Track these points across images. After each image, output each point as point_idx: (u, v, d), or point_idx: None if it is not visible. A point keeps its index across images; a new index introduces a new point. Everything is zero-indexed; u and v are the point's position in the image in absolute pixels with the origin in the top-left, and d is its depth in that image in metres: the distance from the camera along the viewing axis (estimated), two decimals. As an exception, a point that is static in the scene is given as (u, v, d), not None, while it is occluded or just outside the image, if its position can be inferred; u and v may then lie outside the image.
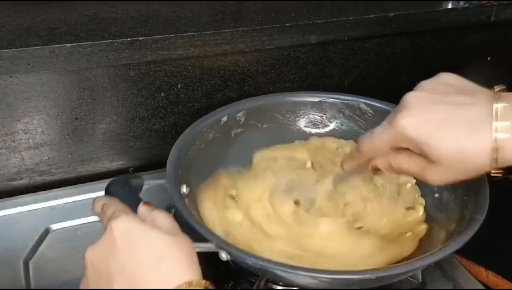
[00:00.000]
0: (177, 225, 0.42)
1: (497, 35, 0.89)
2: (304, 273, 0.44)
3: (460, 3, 0.81)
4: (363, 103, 0.69)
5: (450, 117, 0.42)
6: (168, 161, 0.56)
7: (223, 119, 0.66)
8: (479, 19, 0.83)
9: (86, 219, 0.66)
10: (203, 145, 0.63)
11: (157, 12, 0.74)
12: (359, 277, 0.44)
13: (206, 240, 0.46)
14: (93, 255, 0.39)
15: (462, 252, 0.47)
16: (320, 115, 0.72)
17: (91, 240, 0.40)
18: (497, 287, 0.63)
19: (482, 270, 0.64)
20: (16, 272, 0.59)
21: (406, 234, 0.57)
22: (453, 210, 0.56)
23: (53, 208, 0.68)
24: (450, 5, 0.82)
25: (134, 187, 0.53)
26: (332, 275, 0.45)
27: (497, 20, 0.83)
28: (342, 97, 0.71)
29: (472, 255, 0.63)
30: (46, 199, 0.69)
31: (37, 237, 0.64)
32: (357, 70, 0.84)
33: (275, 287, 0.52)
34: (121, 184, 0.52)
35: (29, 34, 0.64)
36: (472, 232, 0.47)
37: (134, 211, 0.44)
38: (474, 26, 0.84)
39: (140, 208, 0.44)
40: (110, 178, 0.54)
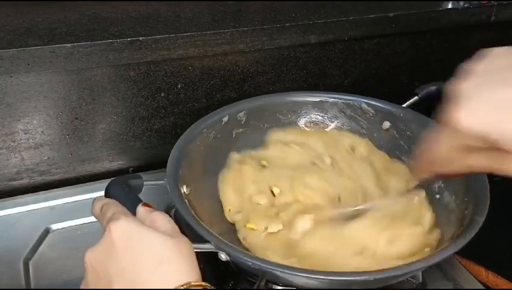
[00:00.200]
0: (176, 227, 0.42)
1: (497, 35, 0.89)
2: (303, 274, 0.44)
3: (460, 3, 0.81)
4: (365, 103, 0.69)
5: (500, 101, 0.37)
6: (168, 161, 0.56)
7: (224, 119, 0.66)
8: (479, 19, 0.83)
9: (86, 219, 0.66)
10: (204, 145, 0.63)
11: (157, 12, 0.74)
12: (359, 278, 0.44)
13: (205, 241, 0.46)
14: (93, 258, 0.39)
15: (462, 252, 0.47)
16: (321, 114, 0.72)
17: (91, 240, 0.40)
18: (497, 287, 0.63)
19: (482, 271, 0.64)
20: (16, 272, 0.59)
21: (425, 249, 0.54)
22: (453, 211, 0.56)
23: (53, 208, 0.68)
24: (450, 5, 0.82)
25: (134, 188, 0.53)
26: (331, 276, 0.45)
27: (497, 20, 0.83)
28: (343, 97, 0.71)
29: (472, 255, 0.63)
30: (46, 199, 0.69)
31: (37, 237, 0.64)
32: (357, 70, 0.84)
33: (274, 287, 0.52)
34: (120, 185, 0.52)
35: (29, 34, 0.64)
36: (472, 234, 0.48)
37: (134, 212, 0.44)
38: (474, 26, 0.84)
39: (140, 210, 0.44)
40: (110, 178, 0.54)
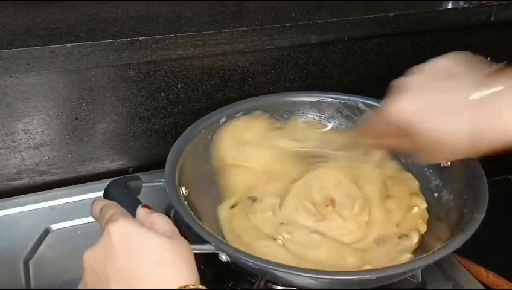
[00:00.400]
0: (175, 228, 0.42)
1: (497, 35, 0.89)
2: (304, 274, 0.44)
3: (460, 3, 0.81)
4: (362, 103, 0.69)
5: (435, 103, 0.46)
6: (167, 162, 0.56)
7: (222, 120, 0.66)
8: (479, 19, 0.83)
9: (86, 219, 0.66)
10: (202, 146, 0.63)
11: (157, 12, 0.74)
12: (359, 277, 0.44)
13: (205, 242, 0.46)
14: (91, 258, 0.39)
15: (462, 252, 0.47)
16: (318, 115, 0.72)
17: (91, 240, 0.40)
18: (497, 287, 0.63)
19: (482, 270, 0.64)
20: (16, 272, 0.59)
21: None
22: (452, 209, 0.57)
23: (53, 208, 0.68)
24: (450, 5, 0.82)
25: (133, 189, 0.53)
26: (331, 276, 0.45)
27: (497, 20, 0.83)
28: (340, 97, 0.71)
29: (472, 255, 0.63)
30: (46, 199, 0.69)
31: (37, 237, 0.64)
32: (357, 70, 0.84)
33: (275, 287, 0.52)
34: (119, 186, 0.52)
35: (29, 34, 0.64)
36: (471, 232, 0.48)
37: (133, 213, 0.44)
38: (474, 26, 0.84)
39: (140, 211, 0.44)
40: (110, 178, 0.54)
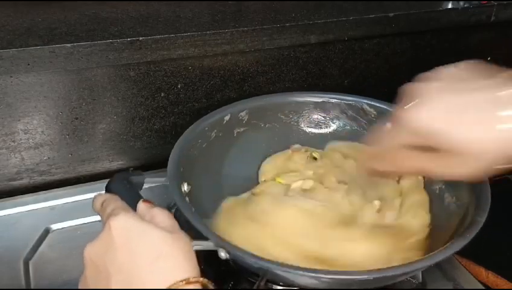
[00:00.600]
0: (176, 223, 0.42)
1: (497, 35, 0.89)
2: (303, 273, 0.44)
3: (460, 3, 0.81)
4: (366, 104, 0.69)
5: (461, 105, 0.40)
6: (169, 159, 0.56)
7: (226, 118, 0.66)
8: (479, 19, 0.83)
9: (86, 219, 0.66)
10: (205, 144, 0.63)
11: (157, 12, 0.74)
12: (358, 277, 0.44)
13: (205, 239, 0.46)
14: (92, 252, 0.39)
15: (462, 252, 0.47)
16: (323, 115, 0.71)
17: (91, 240, 0.40)
18: (497, 287, 0.63)
19: (482, 271, 0.64)
20: (16, 272, 0.59)
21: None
22: (454, 212, 0.56)
23: (53, 208, 0.68)
24: (450, 5, 0.82)
25: (135, 184, 0.53)
26: (331, 275, 0.45)
27: (497, 20, 0.83)
28: (345, 98, 0.70)
29: (472, 255, 0.63)
30: (46, 199, 0.69)
31: (37, 237, 0.64)
32: (357, 70, 0.84)
33: (275, 287, 0.52)
34: (121, 181, 0.52)
35: (29, 34, 0.64)
36: (472, 235, 0.47)
37: (135, 208, 0.44)
38: (474, 26, 0.84)
39: (140, 205, 0.44)
40: (110, 178, 0.54)
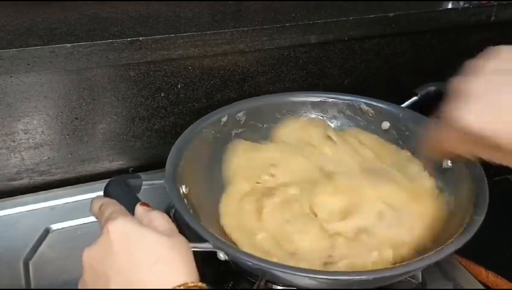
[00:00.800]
0: (174, 226, 0.42)
1: (497, 35, 0.88)
2: (303, 274, 0.44)
3: (460, 3, 0.81)
4: (364, 103, 0.69)
5: (510, 102, 0.38)
6: (167, 161, 0.56)
7: (223, 119, 0.66)
8: (479, 19, 0.83)
9: (86, 219, 0.66)
10: (203, 145, 0.63)
11: (157, 12, 0.74)
12: (358, 277, 0.44)
13: (204, 240, 0.46)
14: (91, 256, 0.39)
15: (462, 252, 0.47)
16: (321, 115, 0.71)
17: (91, 240, 0.40)
18: (497, 287, 0.63)
19: (482, 270, 0.64)
20: (16, 272, 0.59)
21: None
22: (453, 211, 0.56)
23: (53, 208, 0.68)
24: (450, 5, 0.82)
25: (133, 187, 0.53)
26: (331, 276, 0.45)
27: (497, 20, 0.83)
28: (342, 97, 0.71)
29: (472, 255, 0.63)
30: (46, 199, 0.69)
31: (37, 237, 0.64)
32: (357, 70, 0.84)
33: (275, 287, 0.52)
34: (119, 184, 0.52)
35: (29, 34, 0.64)
36: (471, 234, 0.48)
37: (133, 211, 0.44)
38: (474, 26, 0.84)
39: (138, 209, 0.44)
40: (110, 178, 0.54)
